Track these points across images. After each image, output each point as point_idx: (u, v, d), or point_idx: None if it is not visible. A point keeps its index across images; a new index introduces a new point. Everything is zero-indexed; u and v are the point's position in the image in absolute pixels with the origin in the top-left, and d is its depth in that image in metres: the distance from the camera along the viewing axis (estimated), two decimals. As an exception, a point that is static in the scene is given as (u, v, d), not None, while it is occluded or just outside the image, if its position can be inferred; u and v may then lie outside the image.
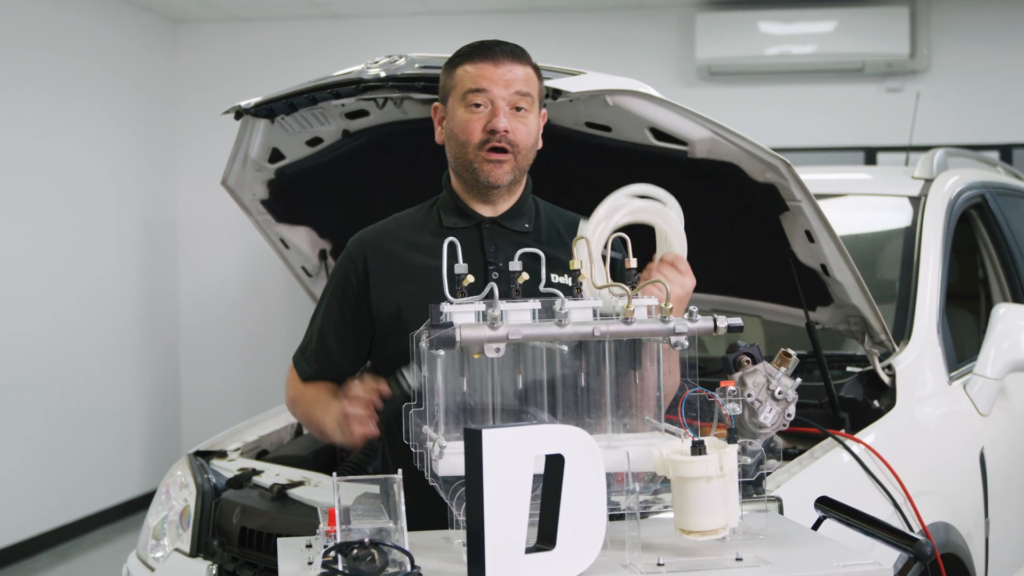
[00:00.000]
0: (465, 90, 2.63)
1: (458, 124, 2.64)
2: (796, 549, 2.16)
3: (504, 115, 2.61)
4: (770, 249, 3.51)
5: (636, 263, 2.38)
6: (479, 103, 2.62)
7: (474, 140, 2.63)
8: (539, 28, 8.14)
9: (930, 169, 4.31)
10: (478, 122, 2.62)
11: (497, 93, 2.61)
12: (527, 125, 2.65)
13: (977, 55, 7.99)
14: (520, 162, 2.67)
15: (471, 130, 2.63)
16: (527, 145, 2.66)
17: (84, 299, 7.51)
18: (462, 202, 2.74)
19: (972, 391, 3.71)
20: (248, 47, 8.53)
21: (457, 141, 2.66)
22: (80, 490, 7.42)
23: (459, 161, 2.68)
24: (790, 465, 3.00)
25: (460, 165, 2.68)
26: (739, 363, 2.24)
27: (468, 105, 2.63)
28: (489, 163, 2.64)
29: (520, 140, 2.64)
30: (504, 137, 2.61)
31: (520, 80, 2.64)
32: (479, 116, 2.62)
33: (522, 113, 2.64)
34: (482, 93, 2.61)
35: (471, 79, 2.63)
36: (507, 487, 1.92)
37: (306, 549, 2.23)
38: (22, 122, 6.96)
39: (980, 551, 3.54)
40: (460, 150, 2.66)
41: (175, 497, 3.55)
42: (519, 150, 2.65)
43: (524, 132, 2.64)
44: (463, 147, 2.65)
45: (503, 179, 2.66)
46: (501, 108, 2.61)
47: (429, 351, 2.18)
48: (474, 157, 2.64)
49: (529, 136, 2.66)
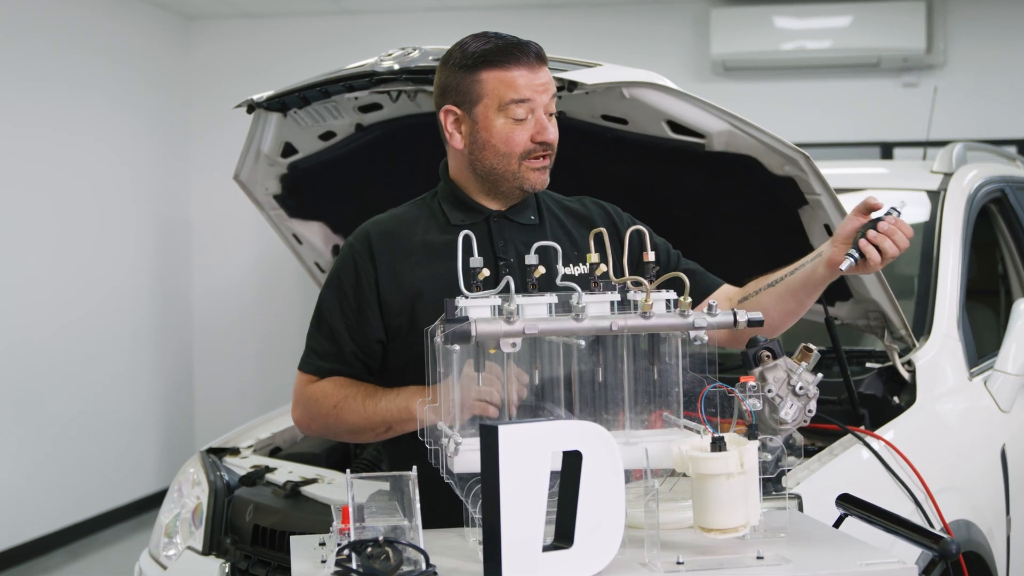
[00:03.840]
0: (506, 100, 2.53)
1: (499, 135, 2.55)
2: (818, 547, 2.13)
3: (550, 124, 2.57)
4: (789, 243, 3.47)
5: (654, 256, 2.35)
6: (522, 113, 2.54)
7: (519, 151, 2.56)
8: (553, 23, 8.11)
9: (949, 163, 4.28)
10: (523, 133, 2.55)
11: (539, 101, 2.55)
12: (556, 125, 2.61)
13: (994, 50, 7.95)
14: (552, 163, 2.64)
15: (517, 141, 2.55)
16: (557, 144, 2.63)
17: (100, 299, 7.51)
18: (466, 196, 2.67)
19: (993, 387, 3.69)
20: (261, 43, 8.52)
21: (498, 152, 2.57)
22: (94, 488, 7.42)
23: (496, 171, 2.59)
24: (809, 462, 2.98)
25: (497, 175, 2.60)
26: (759, 358, 2.21)
27: (510, 115, 2.54)
28: (535, 172, 2.58)
29: (556, 143, 2.61)
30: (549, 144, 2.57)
31: (551, 83, 2.59)
32: (523, 126, 2.54)
33: (554, 115, 2.60)
34: (525, 103, 2.54)
35: (511, 88, 2.53)
36: (524, 484, 1.89)
37: (319, 547, 2.20)
38: (36, 118, 6.97)
39: (1001, 549, 3.50)
40: (500, 161, 2.57)
41: (188, 495, 3.53)
42: (554, 152, 2.62)
43: (557, 133, 2.61)
44: (506, 158, 2.57)
45: (546, 184, 2.63)
46: (544, 118, 2.56)
47: (444, 346, 2.15)
48: (518, 168, 2.57)
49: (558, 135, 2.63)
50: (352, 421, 2.63)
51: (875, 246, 2.39)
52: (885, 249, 2.38)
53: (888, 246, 2.38)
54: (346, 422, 2.64)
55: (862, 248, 2.37)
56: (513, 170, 2.57)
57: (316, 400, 2.68)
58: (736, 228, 3.71)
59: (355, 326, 2.65)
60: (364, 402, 2.60)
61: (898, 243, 2.38)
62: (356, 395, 2.62)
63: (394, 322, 2.62)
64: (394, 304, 2.62)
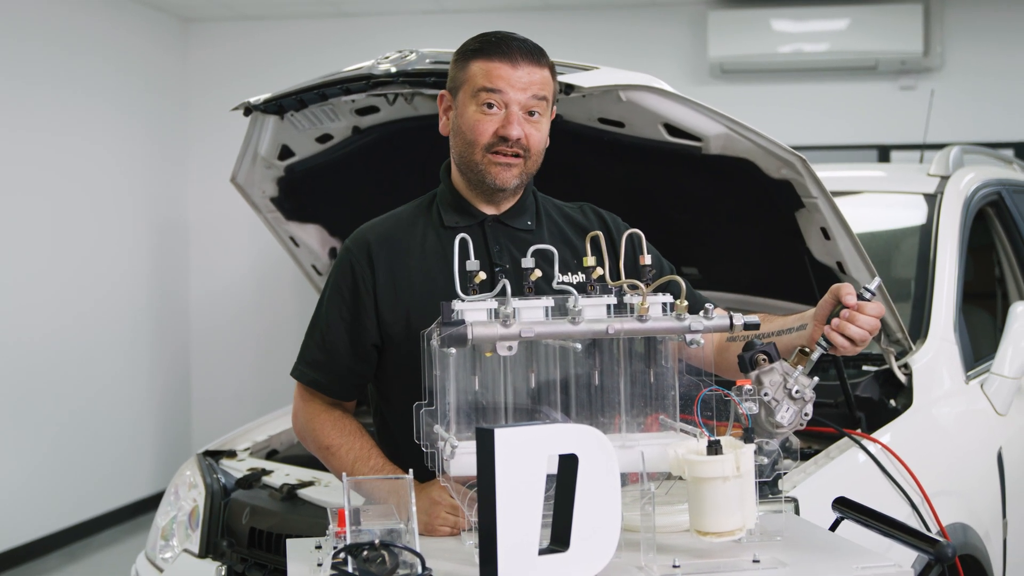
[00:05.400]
0: (478, 87, 2.52)
1: (467, 122, 2.54)
2: (814, 551, 2.13)
3: (518, 122, 2.51)
4: (785, 247, 3.48)
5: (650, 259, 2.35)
6: (492, 103, 2.51)
7: (482, 141, 2.53)
8: (551, 26, 8.11)
9: (946, 166, 4.27)
10: (489, 124, 2.52)
11: (512, 97, 2.51)
12: (540, 130, 2.56)
13: (991, 53, 7.95)
14: (529, 167, 2.59)
15: (480, 131, 2.53)
16: (538, 150, 2.58)
17: (97, 301, 7.50)
18: (463, 199, 2.65)
19: (989, 390, 3.68)
20: (259, 46, 8.52)
21: (464, 139, 2.56)
22: (90, 490, 7.41)
23: (464, 160, 2.58)
24: (806, 465, 2.97)
25: (465, 164, 2.59)
26: (756, 361, 2.21)
27: (480, 104, 2.52)
28: (497, 166, 2.55)
29: (532, 145, 2.55)
30: (516, 143, 2.53)
31: (537, 84, 2.54)
32: (491, 118, 2.52)
33: (535, 118, 2.55)
34: (496, 94, 2.51)
35: (486, 77, 2.51)
36: (520, 487, 1.89)
37: (316, 550, 2.20)
38: (33, 121, 6.96)
39: (998, 552, 3.50)
40: (466, 149, 2.56)
41: (184, 497, 3.53)
42: (530, 155, 2.56)
43: (537, 137, 2.56)
44: (470, 146, 2.55)
45: (510, 183, 2.57)
46: (515, 114, 2.51)
47: (441, 349, 2.15)
48: (481, 158, 2.55)
49: (541, 140, 2.58)
50: (336, 468, 2.66)
51: (841, 333, 2.35)
52: (851, 335, 2.32)
53: (853, 332, 2.30)
54: (331, 466, 2.70)
55: (827, 336, 2.33)
56: (477, 160, 2.55)
57: (313, 432, 2.70)
58: (733, 231, 3.72)
59: (351, 330, 2.64)
60: (353, 464, 2.60)
61: (862, 326, 2.32)
62: (349, 450, 2.63)
63: (391, 326, 2.61)
64: (391, 307, 2.61)
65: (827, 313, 2.33)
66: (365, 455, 2.60)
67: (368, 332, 2.63)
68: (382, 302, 2.61)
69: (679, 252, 2.86)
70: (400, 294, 2.61)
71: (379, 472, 2.55)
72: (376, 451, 2.62)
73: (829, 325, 2.30)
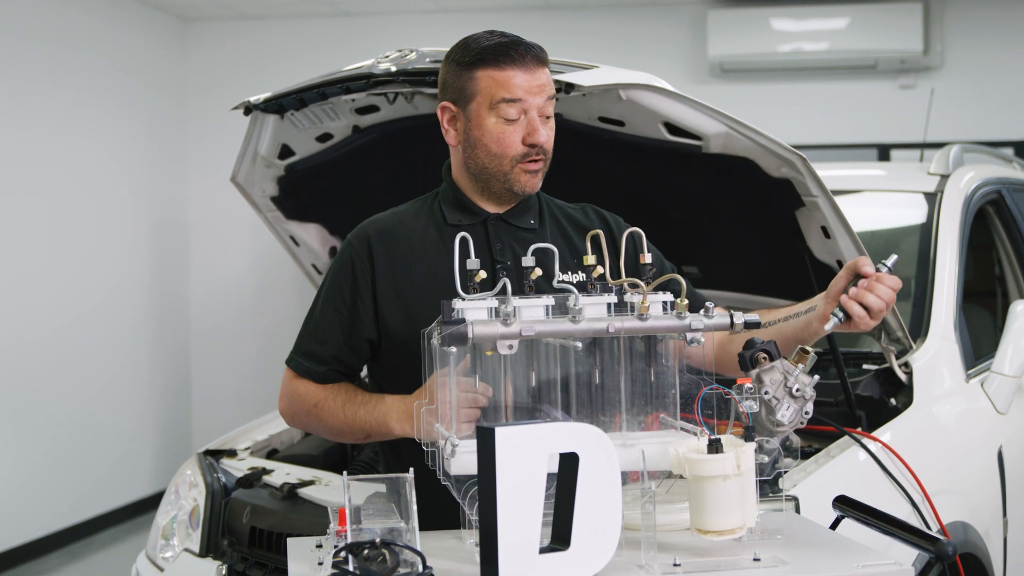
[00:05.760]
0: (497, 99, 2.50)
1: (490, 135, 2.53)
2: (815, 549, 2.13)
3: (543, 127, 2.53)
4: (786, 245, 3.47)
5: (651, 258, 2.35)
6: (513, 113, 2.52)
7: (511, 152, 2.53)
8: (551, 25, 8.12)
9: (946, 165, 4.27)
10: (515, 134, 2.52)
11: (532, 103, 2.51)
12: (553, 129, 2.58)
13: (991, 51, 7.95)
14: (547, 167, 2.61)
15: (508, 143, 2.52)
16: (551, 149, 2.60)
17: (97, 300, 7.50)
18: (466, 198, 2.65)
19: (990, 389, 3.68)
20: (259, 45, 8.52)
21: (489, 152, 2.54)
22: (90, 490, 7.41)
23: (488, 171, 2.57)
24: (806, 464, 2.97)
25: (488, 174, 2.58)
26: (756, 360, 2.21)
27: (501, 115, 2.51)
28: (527, 174, 2.56)
29: (551, 146, 2.58)
30: (541, 148, 2.54)
31: (548, 85, 2.55)
32: (516, 128, 2.51)
33: (550, 119, 2.57)
34: (516, 103, 2.51)
35: (503, 87, 2.50)
36: (521, 486, 1.89)
37: (316, 549, 2.20)
38: (33, 120, 6.96)
39: (998, 550, 3.50)
40: (492, 161, 2.55)
41: (184, 497, 3.53)
42: (549, 156, 2.59)
43: (552, 138, 2.58)
44: (497, 159, 2.54)
45: (538, 187, 2.61)
46: (537, 120, 2.52)
47: (441, 348, 2.14)
48: (510, 169, 2.55)
49: (553, 139, 2.59)
50: (330, 423, 2.65)
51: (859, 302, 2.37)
52: (869, 304, 2.34)
53: (871, 300, 2.33)
54: (325, 423, 2.67)
55: (844, 305, 2.35)
56: (505, 171, 2.55)
57: (299, 396, 2.69)
58: (733, 230, 3.72)
59: (347, 322, 2.64)
60: (344, 407, 2.61)
61: (881, 296, 2.34)
62: (336, 397, 2.63)
63: (389, 322, 2.62)
64: (389, 302, 2.61)
65: (842, 288, 2.37)
66: (352, 395, 2.62)
67: (364, 326, 2.63)
68: (380, 296, 2.61)
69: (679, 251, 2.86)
70: (400, 289, 2.61)
71: (368, 404, 2.56)
72: (362, 391, 2.63)
73: (847, 295, 2.31)
